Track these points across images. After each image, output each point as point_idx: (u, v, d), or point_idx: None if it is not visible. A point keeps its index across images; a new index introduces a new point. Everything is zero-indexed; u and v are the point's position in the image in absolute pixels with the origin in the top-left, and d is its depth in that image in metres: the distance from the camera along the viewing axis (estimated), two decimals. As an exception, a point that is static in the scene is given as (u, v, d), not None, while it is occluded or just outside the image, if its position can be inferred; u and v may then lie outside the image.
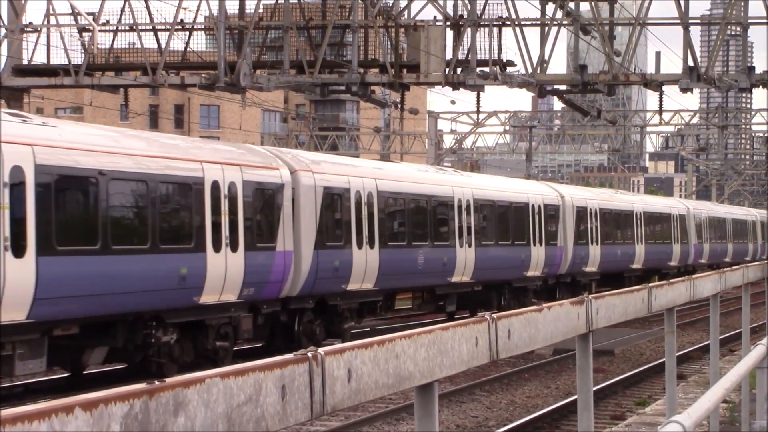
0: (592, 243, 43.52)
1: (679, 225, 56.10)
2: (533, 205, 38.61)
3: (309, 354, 3.94)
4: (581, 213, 42.80)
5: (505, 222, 36.43)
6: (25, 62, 33.71)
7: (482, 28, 31.98)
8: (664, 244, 53.85)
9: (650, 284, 9.59)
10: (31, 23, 33.71)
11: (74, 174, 19.10)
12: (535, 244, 38.30)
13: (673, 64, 35.19)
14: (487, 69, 31.69)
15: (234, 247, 23.05)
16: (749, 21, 32.16)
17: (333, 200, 26.88)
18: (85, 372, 22.71)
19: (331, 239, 26.50)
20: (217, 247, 22.58)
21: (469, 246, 33.45)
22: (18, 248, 17.56)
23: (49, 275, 18.08)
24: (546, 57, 32.18)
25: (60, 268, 18.44)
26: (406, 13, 32.86)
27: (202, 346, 22.93)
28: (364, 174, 28.66)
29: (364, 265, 27.67)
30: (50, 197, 18.41)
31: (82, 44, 32.99)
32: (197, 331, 22.74)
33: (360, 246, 27.64)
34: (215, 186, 22.81)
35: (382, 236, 28.66)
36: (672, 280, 10.56)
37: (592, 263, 43.53)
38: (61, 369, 22.56)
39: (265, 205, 24.45)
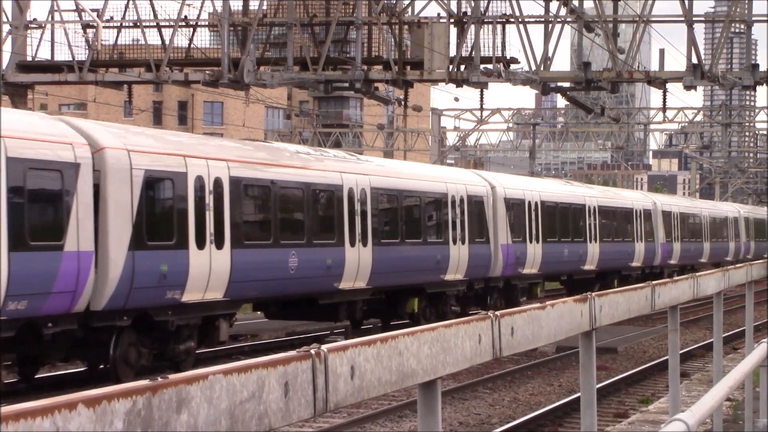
0: (531, 241, 37.30)
1: (643, 221, 49.86)
2: (453, 197, 32.77)
3: (312, 351, 3.94)
4: (517, 206, 36.72)
5: (414, 217, 30.92)
6: (29, 58, 33.72)
7: (486, 25, 31.97)
8: (624, 242, 47.58)
9: (654, 282, 9.58)
10: (35, 19, 33.72)
11: None
12: (455, 243, 32.55)
13: (676, 62, 35.18)
14: (490, 66, 31.68)
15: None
16: (753, 18, 32.14)
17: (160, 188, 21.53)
18: None
19: (155, 237, 20.97)
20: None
21: (364, 245, 27.67)
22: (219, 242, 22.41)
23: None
24: (549, 54, 32.17)
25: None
26: (409, 10, 32.86)
27: None
28: (211, 155, 22.88)
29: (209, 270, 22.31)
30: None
31: (86, 41, 33.00)
32: None
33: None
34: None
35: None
36: (676, 278, 10.55)
37: (531, 264, 37.27)
38: None
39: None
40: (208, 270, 21.76)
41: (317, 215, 26.07)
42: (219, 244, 22.09)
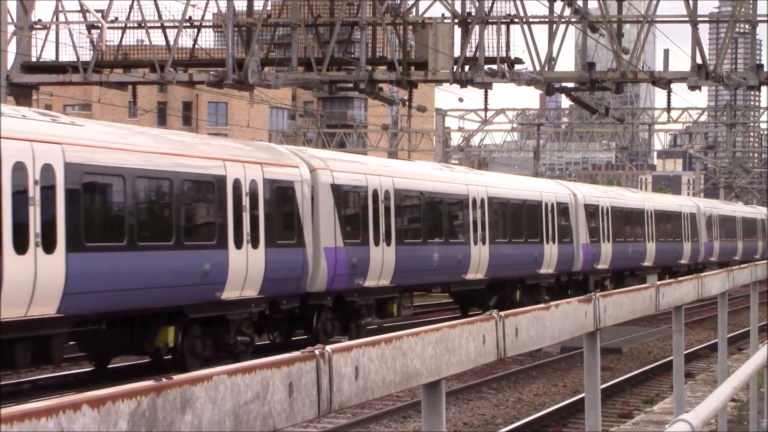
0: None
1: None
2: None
3: (316, 351, 3.95)
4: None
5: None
6: (34, 59, 33.76)
7: (490, 26, 31.98)
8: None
9: (658, 282, 9.58)
10: (40, 20, 33.78)
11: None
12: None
13: (681, 62, 35.17)
14: (495, 66, 31.69)
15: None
16: (758, 19, 32.12)
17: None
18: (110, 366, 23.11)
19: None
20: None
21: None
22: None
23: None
24: (554, 54, 32.17)
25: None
26: (414, 10, 32.88)
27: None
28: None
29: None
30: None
31: (91, 41, 33.04)
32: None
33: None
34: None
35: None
36: (680, 279, 10.55)
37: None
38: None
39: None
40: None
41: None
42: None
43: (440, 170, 34.52)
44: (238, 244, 22.72)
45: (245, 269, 22.93)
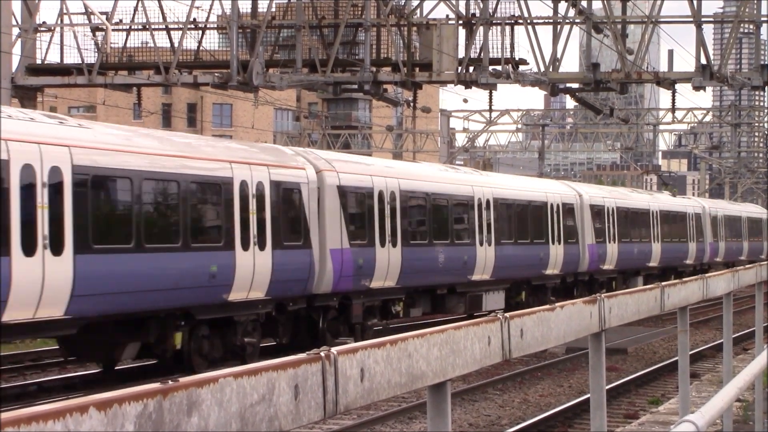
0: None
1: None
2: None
3: (322, 353, 3.95)
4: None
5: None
6: (38, 61, 33.80)
7: (494, 27, 31.98)
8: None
9: (663, 283, 9.58)
10: (44, 22, 33.80)
11: None
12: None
13: (685, 62, 35.16)
14: (499, 67, 31.69)
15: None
16: (762, 19, 32.10)
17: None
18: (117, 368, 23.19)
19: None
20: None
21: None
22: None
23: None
24: (558, 55, 32.17)
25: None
26: (418, 11, 32.88)
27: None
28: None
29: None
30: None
31: (96, 43, 33.07)
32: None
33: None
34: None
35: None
36: (685, 279, 10.55)
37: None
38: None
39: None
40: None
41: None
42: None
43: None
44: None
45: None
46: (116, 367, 22.99)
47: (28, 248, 17.63)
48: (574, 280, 40.97)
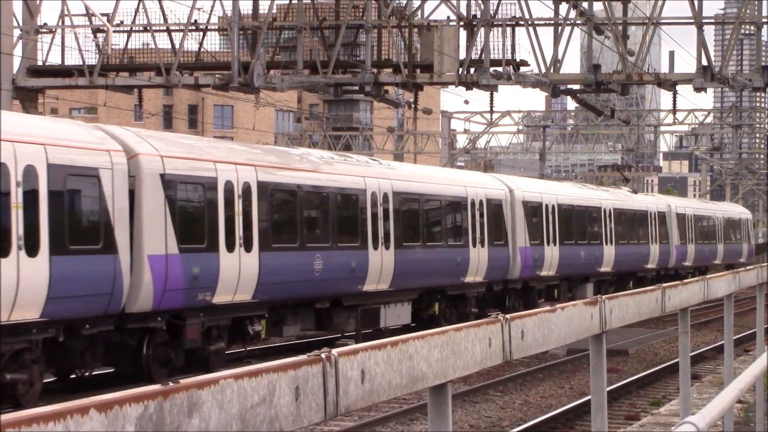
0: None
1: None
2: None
3: (323, 355, 3.96)
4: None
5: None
6: (39, 63, 33.81)
7: (495, 28, 31.99)
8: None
9: (664, 284, 9.58)
10: (45, 24, 33.82)
11: None
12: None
13: (686, 64, 35.17)
14: (500, 69, 31.71)
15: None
16: (763, 20, 32.11)
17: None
18: None
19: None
20: None
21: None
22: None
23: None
24: (559, 57, 32.19)
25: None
26: (419, 13, 32.91)
27: None
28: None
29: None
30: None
31: (97, 45, 33.09)
32: None
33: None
34: None
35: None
36: (686, 281, 10.55)
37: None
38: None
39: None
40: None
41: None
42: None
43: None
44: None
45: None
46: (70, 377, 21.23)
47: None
48: (503, 288, 34.66)
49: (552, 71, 31.80)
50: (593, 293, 39.78)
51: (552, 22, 32.47)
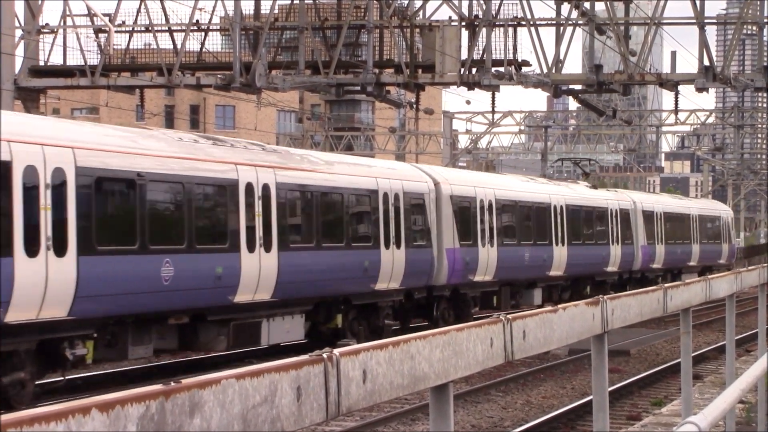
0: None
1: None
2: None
3: (324, 355, 3.96)
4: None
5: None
6: (41, 63, 33.82)
7: (497, 28, 31.99)
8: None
9: (666, 284, 9.59)
10: (47, 24, 33.83)
11: None
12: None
13: (688, 64, 35.16)
14: (502, 69, 31.70)
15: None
16: (765, 20, 32.09)
17: None
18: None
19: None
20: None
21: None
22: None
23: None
24: (561, 57, 32.17)
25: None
26: (421, 13, 32.90)
27: None
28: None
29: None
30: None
31: (98, 45, 33.10)
32: None
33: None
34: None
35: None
36: (687, 281, 10.55)
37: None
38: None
39: None
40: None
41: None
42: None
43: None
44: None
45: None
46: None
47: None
48: (428, 295, 30.11)
49: (554, 71, 31.79)
50: (542, 300, 36.68)
51: (554, 22, 32.46)
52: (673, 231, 50.56)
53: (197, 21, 33.19)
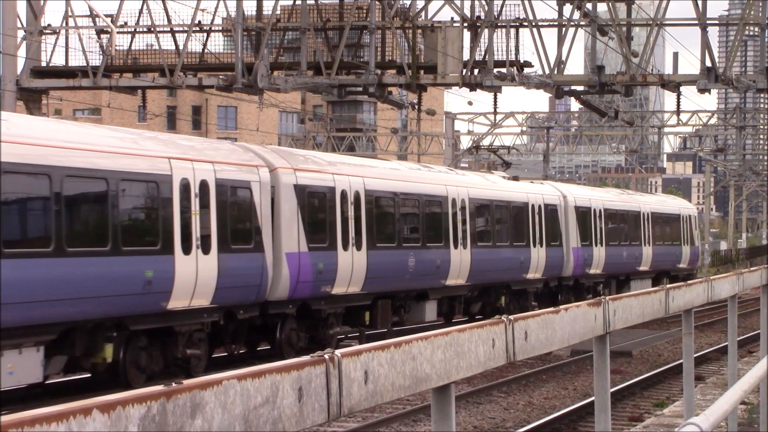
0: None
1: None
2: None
3: (326, 356, 3.95)
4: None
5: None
6: (43, 64, 33.83)
7: (499, 29, 31.98)
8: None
9: (668, 285, 9.58)
10: (49, 25, 33.83)
11: None
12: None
13: (690, 65, 35.15)
14: (504, 70, 31.68)
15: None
16: (767, 21, 32.08)
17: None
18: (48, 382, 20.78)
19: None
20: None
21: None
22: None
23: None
24: (563, 58, 32.16)
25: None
26: (423, 14, 32.88)
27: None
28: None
29: None
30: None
31: (101, 46, 33.10)
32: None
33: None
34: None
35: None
36: (689, 282, 10.54)
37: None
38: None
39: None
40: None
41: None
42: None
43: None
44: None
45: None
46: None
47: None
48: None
49: (556, 72, 31.78)
50: (435, 315, 31.42)
51: (556, 23, 32.44)
52: (617, 231, 43.88)
53: (199, 22, 33.19)
